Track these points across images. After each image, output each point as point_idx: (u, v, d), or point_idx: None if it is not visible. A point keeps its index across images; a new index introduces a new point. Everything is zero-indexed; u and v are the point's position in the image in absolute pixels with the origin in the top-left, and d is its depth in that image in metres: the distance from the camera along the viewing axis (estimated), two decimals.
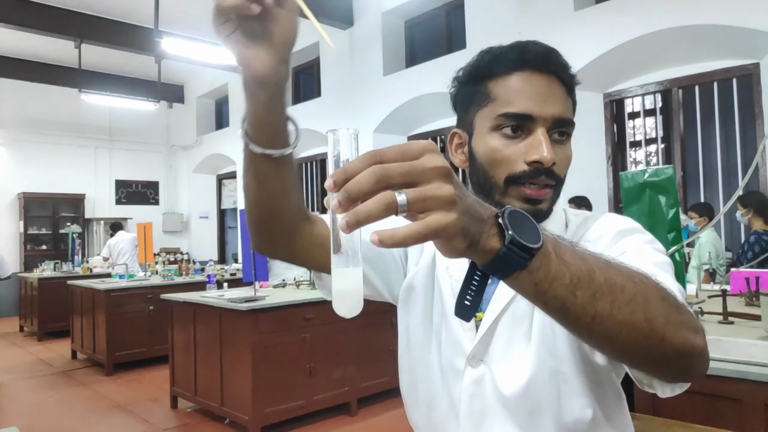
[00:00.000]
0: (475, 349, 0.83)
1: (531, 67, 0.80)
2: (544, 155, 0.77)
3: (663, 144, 5.48)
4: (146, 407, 4.29)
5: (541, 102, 0.79)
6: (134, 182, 11.02)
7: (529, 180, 0.79)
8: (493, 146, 0.81)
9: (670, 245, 2.01)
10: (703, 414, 1.66)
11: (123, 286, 5.52)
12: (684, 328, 0.57)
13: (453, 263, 0.88)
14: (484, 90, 0.82)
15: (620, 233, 0.80)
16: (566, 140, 0.83)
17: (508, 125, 0.80)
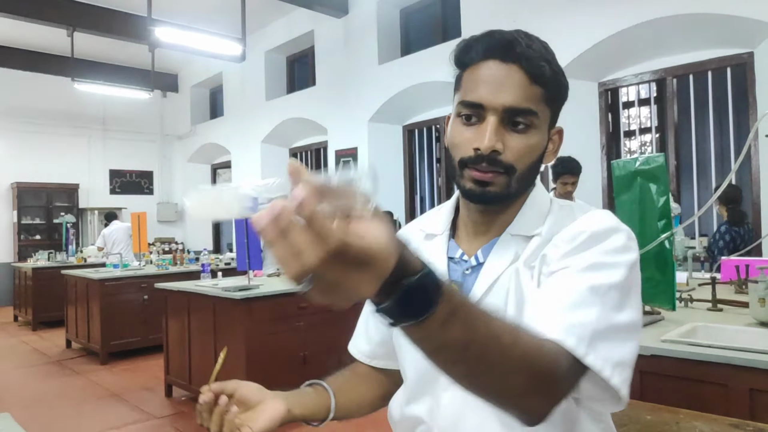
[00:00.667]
0: None
1: (493, 56, 0.82)
2: (483, 143, 0.80)
3: (657, 133, 5.49)
4: (141, 396, 4.31)
5: (493, 91, 0.81)
6: (128, 172, 10.97)
7: (473, 165, 0.82)
8: (454, 131, 0.86)
9: (660, 233, 2.02)
10: (690, 399, 1.68)
11: (117, 275, 5.52)
12: (526, 396, 0.64)
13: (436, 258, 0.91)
14: (460, 78, 0.87)
15: (590, 239, 0.77)
16: (526, 129, 0.82)
17: (465, 112, 0.83)
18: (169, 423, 3.75)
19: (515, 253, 0.85)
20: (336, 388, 0.98)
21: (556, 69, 0.84)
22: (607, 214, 0.83)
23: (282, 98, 8.84)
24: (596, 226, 0.79)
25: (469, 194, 0.84)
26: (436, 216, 0.98)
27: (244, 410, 0.85)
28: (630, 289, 0.76)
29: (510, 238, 0.86)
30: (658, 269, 2.06)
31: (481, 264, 0.87)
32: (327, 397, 0.96)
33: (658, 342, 1.77)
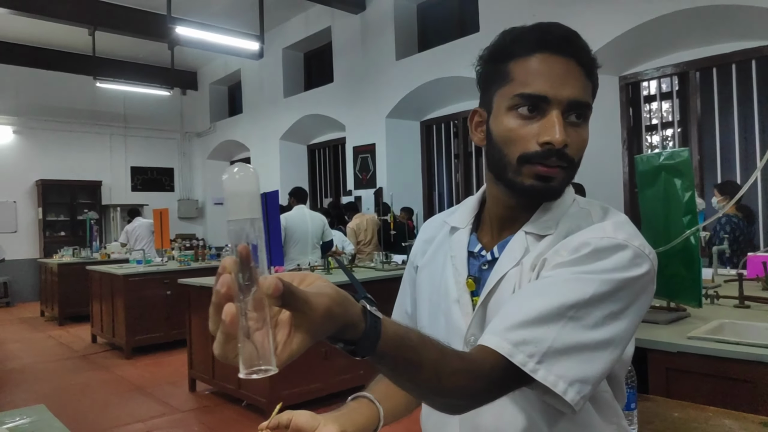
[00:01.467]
0: (471, 331, 0.87)
1: (550, 49, 0.80)
2: (556, 137, 0.78)
3: (680, 128, 5.41)
4: (165, 390, 4.39)
5: (557, 84, 0.79)
6: (149, 169, 11.12)
7: (540, 160, 0.80)
8: (508, 125, 0.82)
9: (686, 228, 2.00)
10: (716, 396, 1.67)
11: (141, 271, 5.61)
12: (452, 403, 0.73)
13: (457, 252, 0.92)
14: (505, 70, 0.83)
15: (591, 254, 0.76)
16: (582, 123, 0.82)
17: (523, 105, 0.80)
18: (193, 417, 3.81)
19: (525, 251, 0.85)
20: (380, 396, 0.99)
21: (597, 63, 0.84)
22: (621, 226, 0.80)
23: (300, 95, 8.88)
24: (602, 242, 0.76)
25: (531, 191, 0.82)
26: (461, 209, 0.98)
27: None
28: (618, 305, 0.74)
29: (524, 235, 0.86)
30: (683, 265, 2.04)
31: (495, 259, 0.88)
32: (374, 407, 0.97)
33: (684, 339, 1.76)
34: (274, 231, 3.87)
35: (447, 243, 0.96)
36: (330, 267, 4.43)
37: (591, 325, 0.72)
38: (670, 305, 2.15)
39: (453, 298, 0.91)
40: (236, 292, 0.50)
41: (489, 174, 0.90)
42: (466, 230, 0.94)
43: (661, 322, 1.98)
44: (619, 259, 0.75)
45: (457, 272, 0.91)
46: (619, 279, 0.74)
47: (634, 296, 0.76)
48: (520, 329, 0.71)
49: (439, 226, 1.01)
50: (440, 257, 0.96)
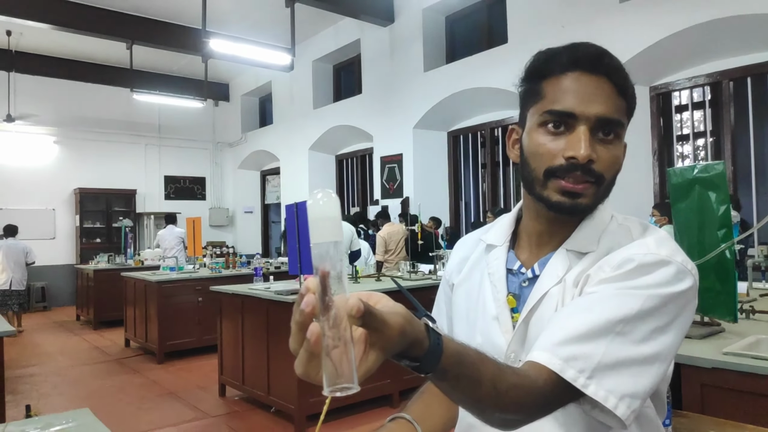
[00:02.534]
0: (511, 348, 0.88)
1: (582, 67, 0.82)
2: (580, 152, 0.79)
3: (712, 138, 5.32)
4: (196, 395, 4.47)
5: (586, 101, 0.81)
6: (182, 178, 11.39)
7: (565, 174, 0.81)
8: (537, 141, 0.84)
9: (721, 242, 1.98)
10: (753, 414, 1.64)
11: (173, 278, 5.75)
12: (505, 411, 0.72)
13: (495, 270, 0.93)
14: (538, 89, 0.85)
15: (636, 270, 0.77)
16: (614, 140, 0.83)
17: (552, 121, 0.83)
18: (223, 422, 3.88)
19: (567, 268, 0.86)
20: (418, 416, 1.01)
21: (633, 84, 0.86)
22: (663, 242, 0.81)
23: (329, 106, 9.00)
24: (646, 257, 0.77)
25: (558, 206, 0.83)
26: (496, 227, 1.00)
27: None
28: (663, 320, 0.75)
29: (565, 252, 0.87)
30: (718, 279, 2.02)
31: (536, 277, 0.89)
32: (412, 428, 1.00)
33: (720, 354, 1.74)
34: (304, 240, 3.94)
35: (483, 260, 0.97)
36: (357, 276, 4.47)
37: (638, 339, 0.73)
38: (704, 320, 2.13)
39: (492, 315, 0.91)
40: (318, 312, 0.53)
41: (524, 189, 0.92)
42: (503, 247, 0.95)
43: (695, 337, 1.96)
44: (663, 275, 0.76)
45: (496, 289, 0.92)
46: (664, 294, 0.75)
47: (678, 311, 0.77)
48: (569, 345, 0.72)
49: (474, 243, 1.03)
50: (477, 275, 0.98)
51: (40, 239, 9.65)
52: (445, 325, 1.07)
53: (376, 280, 4.52)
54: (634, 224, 0.89)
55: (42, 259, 9.56)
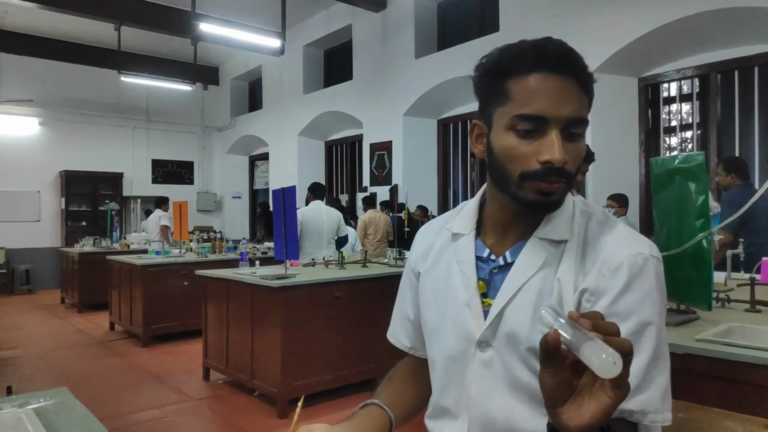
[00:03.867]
0: (484, 335, 0.90)
1: (548, 67, 0.81)
2: (556, 156, 0.80)
3: (699, 130, 5.36)
4: (180, 378, 4.48)
5: (555, 103, 0.81)
6: (170, 162, 11.30)
7: (541, 177, 0.83)
8: (509, 144, 0.84)
9: (698, 232, 2.00)
10: (724, 399, 1.67)
11: (159, 262, 5.72)
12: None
13: (464, 258, 0.95)
14: (503, 88, 0.85)
15: (630, 280, 0.82)
16: (579, 138, 0.85)
17: (523, 125, 0.83)
18: (206, 405, 3.89)
19: (545, 257, 0.88)
20: (389, 402, 1.04)
21: (593, 76, 0.87)
22: (636, 236, 0.88)
23: (319, 92, 8.95)
24: (637, 259, 0.83)
25: (533, 204, 0.85)
26: (461, 215, 1.00)
27: None
28: (663, 317, 0.84)
29: (538, 241, 0.89)
30: (694, 268, 2.04)
31: (509, 264, 0.91)
32: (384, 413, 1.02)
33: (693, 341, 1.76)
34: (290, 225, 3.93)
35: (450, 249, 0.98)
36: (344, 261, 4.47)
37: (665, 353, 0.84)
38: (680, 308, 2.16)
39: (463, 302, 0.93)
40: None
41: (492, 185, 0.93)
42: (470, 236, 0.96)
43: (670, 324, 1.99)
44: (650, 280, 0.83)
45: (466, 277, 0.93)
46: (659, 301, 0.84)
47: (663, 300, 0.86)
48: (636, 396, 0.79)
49: (438, 231, 1.04)
50: (444, 263, 0.99)
51: (25, 222, 9.56)
52: (411, 313, 1.09)
53: (362, 266, 4.53)
54: (594, 209, 0.93)
55: (27, 241, 9.50)
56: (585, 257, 0.86)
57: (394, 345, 1.14)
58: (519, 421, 0.87)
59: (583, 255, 0.87)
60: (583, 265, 0.86)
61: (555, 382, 0.60)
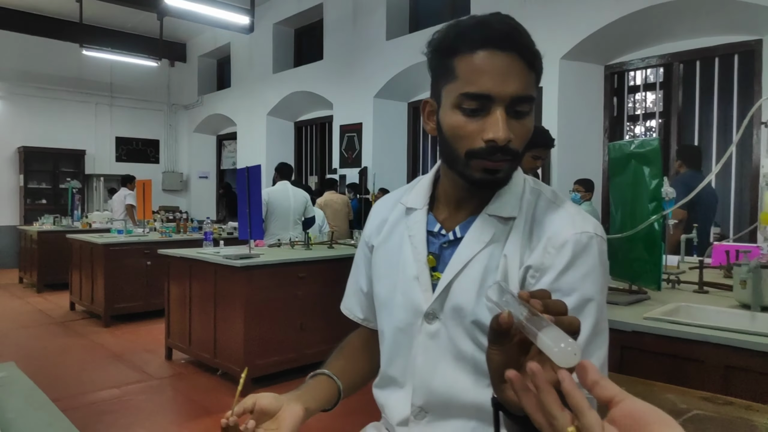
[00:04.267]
0: (432, 307, 0.91)
1: (493, 45, 0.81)
2: (499, 135, 0.81)
3: (661, 119, 5.48)
4: (142, 357, 4.42)
5: (500, 81, 0.81)
6: (134, 140, 11.02)
7: (486, 155, 0.83)
8: (455, 122, 0.85)
9: (651, 214, 2.06)
10: (669, 374, 1.74)
11: (121, 241, 5.61)
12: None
13: (416, 232, 0.96)
14: (450, 65, 0.85)
15: (574, 258, 0.84)
16: (526, 115, 0.85)
17: (468, 103, 0.83)
18: (168, 384, 3.86)
19: (493, 233, 0.89)
20: (338, 372, 1.05)
21: (541, 56, 0.87)
22: (582, 214, 0.90)
23: (289, 71, 8.83)
24: (581, 237, 0.85)
25: (480, 182, 0.86)
26: (415, 190, 1.01)
27: (266, 420, 0.91)
28: (604, 294, 0.87)
29: (487, 218, 0.90)
30: (646, 250, 2.11)
31: (458, 239, 0.92)
32: (333, 383, 1.03)
33: (641, 319, 1.83)
34: (254, 205, 3.90)
35: (403, 223, 0.99)
36: (310, 243, 4.46)
37: (603, 330, 0.86)
38: (632, 288, 2.23)
39: (412, 275, 0.94)
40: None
41: (443, 161, 0.94)
42: (423, 210, 0.97)
43: (621, 304, 2.05)
44: (594, 257, 0.86)
45: (417, 251, 0.94)
46: (601, 278, 0.86)
47: (606, 275, 0.89)
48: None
49: (392, 206, 1.05)
50: (397, 237, 1.00)
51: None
52: (364, 285, 1.10)
53: (329, 247, 4.53)
54: (544, 187, 0.95)
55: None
56: (532, 234, 0.88)
57: (347, 316, 1.15)
58: (461, 391, 0.89)
59: (531, 232, 0.89)
60: (530, 242, 0.88)
61: (502, 359, 0.61)
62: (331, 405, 1.03)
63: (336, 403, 1.04)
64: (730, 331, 1.65)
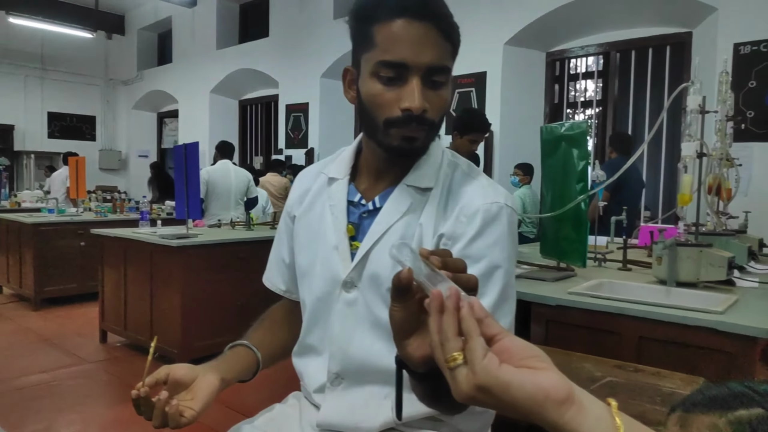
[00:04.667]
0: (350, 276, 0.93)
1: (410, 14, 0.82)
2: (415, 104, 0.82)
3: (599, 107, 5.67)
4: (74, 341, 4.27)
5: (416, 51, 0.82)
6: (69, 115, 10.47)
7: (403, 124, 0.85)
8: (373, 91, 0.86)
9: (578, 195, 2.14)
10: (590, 345, 1.83)
11: (52, 220, 5.36)
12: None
13: (336, 202, 0.97)
14: (369, 33, 0.85)
15: (484, 225, 0.88)
16: (442, 85, 0.87)
17: (385, 71, 0.84)
18: (102, 367, 3.74)
19: (410, 203, 0.91)
20: (257, 343, 1.05)
21: (457, 26, 0.88)
22: (494, 186, 0.93)
23: (233, 48, 8.58)
24: (492, 207, 0.89)
25: (398, 151, 0.87)
26: (337, 161, 1.02)
27: (180, 391, 0.89)
28: (514, 264, 0.92)
29: (405, 188, 0.92)
30: (573, 229, 2.19)
31: (377, 209, 0.94)
32: (252, 354, 1.03)
33: (565, 294, 1.91)
34: (192, 184, 3.79)
35: (325, 193, 1.00)
36: (252, 224, 4.40)
37: (510, 297, 0.90)
38: (560, 265, 2.32)
39: (332, 245, 0.95)
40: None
41: (363, 131, 0.95)
42: (344, 180, 0.98)
43: (548, 280, 2.14)
44: (503, 226, 0.89)
45: (337, 220, 0.95)
46: (509, 247, 0.89)
47: (515, 243, 0.92)
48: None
49: (315, 176, 1.05)
50: (318, 207, 1.00)
51: None
52: (287, 256, 1.10)
53: (271, 227, 4.48)
54: (460, 160, 0.98)
55: None
56: (447, 205, 0.91)
57: (270, 289, 1.15)
58: (376, 358, 0.90)
59: (446, 202, 0.91)
60: (445, 211, 0.90)
61: (403, 316, 0.62)
62: (249, 376, 1.03)
63: (255, 374, 1.04)
64: (645, 304, 1.75)
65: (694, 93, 2.12)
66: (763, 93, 4.01)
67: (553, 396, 0.48)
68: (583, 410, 0.49)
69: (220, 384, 0.93)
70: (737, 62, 4.06)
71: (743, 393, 0.57)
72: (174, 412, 0.85)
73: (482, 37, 5.44)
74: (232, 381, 0.97)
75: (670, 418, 0.61)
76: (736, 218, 2.88)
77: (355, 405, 0.93)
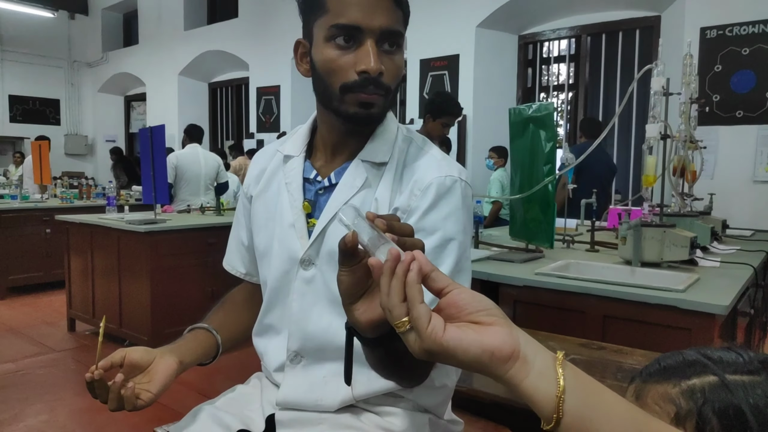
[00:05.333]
0: (307, 254, 0.92)
1: None
2: (371, 65, 0.82)
3: (571, 91, 5.72)
4: (41, 330, 4.17)
5: (369, 14, 0.82)
6: (31, 99, 10.11)
7: (360, 89, 0.84)
8: (328, 56, 0.85)
9: (545, 176, 2.16)
10: (556, 324, 1.86)
11: (15, 207, 5.21)
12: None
13: (292, 179, 0.96)
14: (320, 1, 0.85)
15: (437, 198, 0.88)
16: (396, 51, 0.87)
17: (339, 36, 0.84)
18: (70, 356, 3.67)
19: (366, 178, 0.91)
20: (217, 326, 1.04)
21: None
22: (447, 159, 0.93)
23: (202, 28, 8.39)
24: (446, 181, 0.89)
25: (355, 118, 0.86)
26: (293, 138, 1.01)
27: (137, 374, 0.88)
28: (469, 236, 0.92)
29: (360, 163, 0.92)
30: (541, 210, 2.22)
31: (333, 185, 0.93)
32: (212, 336, 1.02)
33: (532, 275, 1.93)
34: (159, 168, 3.72)
35: (281, 171, 0.99)
36: (223, 209, 4.34)
37: (465, 269, 0.90)
38: (528, 247, 2.34)
39: (288, 223, 0.94)
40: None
41: (318, 103, 0.93)
42: (300, 158, 0.97)
43: (516, 261, 2.16)
44: (460, 196, 0.89)
45: (293, 198, 0.95)
46: (463, 219, 0.89)
47: (466, 218, 0.91)
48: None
49: (271, 155, 1.04)
50: (275, 185, 0.99)
51: None
52: (245, 238, 1.08)
53: None
54: (415, 135, 0.98)
55: None
56: (402, 179, 0.91)
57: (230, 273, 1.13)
58: (335, 335, 0.90)
59: (401, 177, 0.91)
60: (400, 185, 0.91)
61: (350, 280, 0.62)
62: (209, 359, 1.02)
63: (215, 357, 1.03)
64: (610, 283, 1.78)
65: (657, 75, 2.15)
66: (728, 77, 4.09)
67: (497, 355, 0.49)
68: (527, 364, 0.49)
69: (179, 366, 0.92)
70: (704, 46, 4.12)
71: (697, 361, 0.58)
72: (130, 395, 0.84)
73: (455, 20, 5.42)
74: (190, 364, 0.96)
75: (629, 389, 0.63)
76: (701, 200, 2.94)
77: (315, 383, 0.93)
